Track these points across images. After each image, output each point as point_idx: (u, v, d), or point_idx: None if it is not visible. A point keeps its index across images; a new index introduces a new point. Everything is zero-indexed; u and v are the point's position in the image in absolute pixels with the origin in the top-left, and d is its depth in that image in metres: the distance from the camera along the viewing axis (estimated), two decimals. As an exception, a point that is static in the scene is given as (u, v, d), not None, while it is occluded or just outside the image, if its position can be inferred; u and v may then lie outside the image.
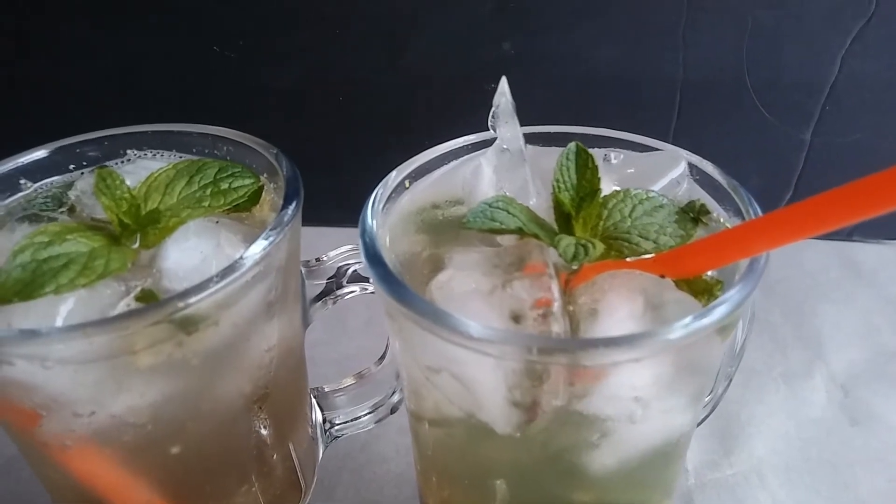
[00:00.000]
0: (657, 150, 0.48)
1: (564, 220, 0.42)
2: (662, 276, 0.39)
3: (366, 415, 0.62)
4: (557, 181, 0.42)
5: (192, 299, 0.38)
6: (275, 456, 0.53)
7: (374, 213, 0.43)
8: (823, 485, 0.75)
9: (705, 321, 0.35)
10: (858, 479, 0.76)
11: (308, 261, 0.54)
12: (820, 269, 1.03)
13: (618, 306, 0.38)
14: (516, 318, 0.37)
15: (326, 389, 0.62)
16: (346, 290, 0.55)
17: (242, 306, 0.42)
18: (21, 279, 0.38)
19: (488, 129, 0.49)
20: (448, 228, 0.47)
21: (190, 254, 0.43)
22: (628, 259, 0.41)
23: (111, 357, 0.39)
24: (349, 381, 0.63)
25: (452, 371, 0.39)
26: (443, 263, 0.43)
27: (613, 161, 0.48)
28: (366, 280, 0.55)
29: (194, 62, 0.99)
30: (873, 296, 0.98)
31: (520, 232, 0.40)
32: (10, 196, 0.50)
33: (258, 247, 0.41)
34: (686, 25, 0.96)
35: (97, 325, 0.37)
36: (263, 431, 0.50)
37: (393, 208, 0.46)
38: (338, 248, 0.55)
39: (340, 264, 0.54)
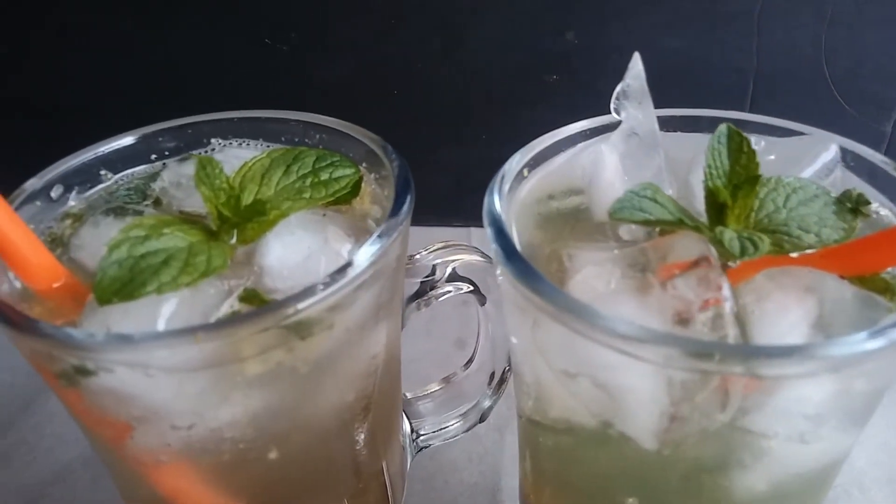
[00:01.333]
0: (802, 133, 0.43)
1: (717, 211, 0.37)
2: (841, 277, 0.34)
3: (454, 423, 0.57)
4: (709, 167, 0.38)
5: (314, 299, 0.34)
6: (368, 473, 0.48)
7: (501, 199, 0.39)
8: (930, 498, 0.70)
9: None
10: (966, 492, 0.71)
11: (402, 258, 0.50)
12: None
13: (791, 308, 0.33)
14: (682, 321, 0.33)
15: (409, 396, 0.58)
16: (441, 290, 0.50)
17: (357, 309, 0.38)
18: (118, 277, 0.34)
19: (575, 119, 0.45)
20: (568, 222, 0.42)
21: (295, 249, 0.39)
22: (792, 255, 0.36)
23: (219, 365, 0.34)
24: (434, 386, 0.58)
25: (597, 377, 0.35)
26: (573, 260, 0.38)
27: (753, 147, 0.43)
28: (464, 280, 0.50)
29: (246, 55, 0.96)
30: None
31: (677, 224, 0.35)
32: (90, 188, 0.46)
33: (376, 245, 0.37)
34: (761, 11, 0.91)
35: (209, 329, 0.33)
36: (360, 446, 0.46)
37: (513, 199, 0.42)
38: (430, 246, 0.51)
39: (437, 261, 0.50)
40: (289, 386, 0.38)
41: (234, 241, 0.40)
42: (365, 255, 0.36)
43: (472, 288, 0.50)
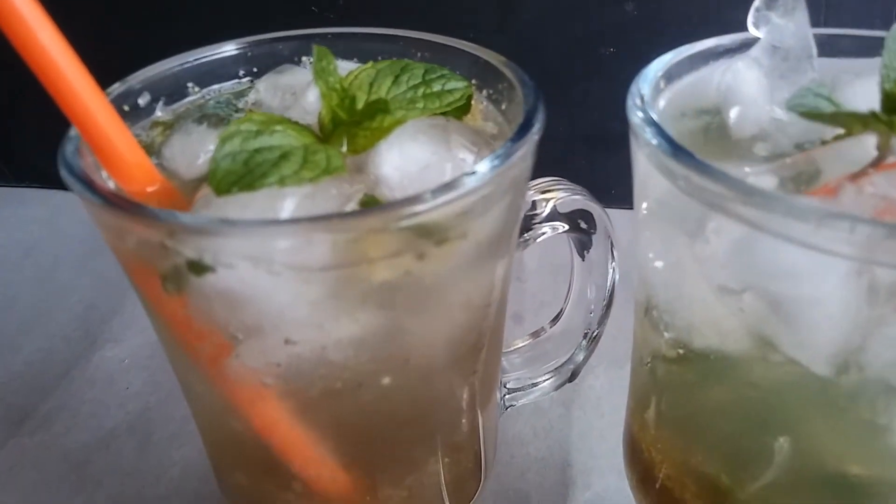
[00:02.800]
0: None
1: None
2: None
3: (545, 380, 0.54)
4: (886, 67, 0.34)
5: (452, 195, 0.30)
6: (467, 426, 0.45)
7: (647, 94, 0.35)
8: None
9: None
10: None
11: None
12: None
13: None
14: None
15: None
16: (542, 228, 0.47)
17: (490, 220, 0.35)
18: (234, 170, 0.31)
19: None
20: (703, 140, 0.39)
21: (415, 157, 0.35)
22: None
23: (347, 265, 0.31)
24: (522, 341, 0.55)
25: (773, 288, 0.31)
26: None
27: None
28: (567, 219, 0.47)
29: (292, 21, 0.92)
30: None
31: (866, 121, 0.32)
32: (176, 101, 0.42)
33: (512, 151, 0.34)
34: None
35: (344, 217, 0.29)
36: (466, 392, 0.42)
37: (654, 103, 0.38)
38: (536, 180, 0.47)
39: (536, 198, 0.46)
40: (413, 301, 0.35)
41: (343, 149, 0.36)
42: (500, 161, 0.33)
43: (584, 226, 0.47)
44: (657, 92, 0.39)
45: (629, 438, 0.47)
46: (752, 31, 0.40)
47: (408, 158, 0.35)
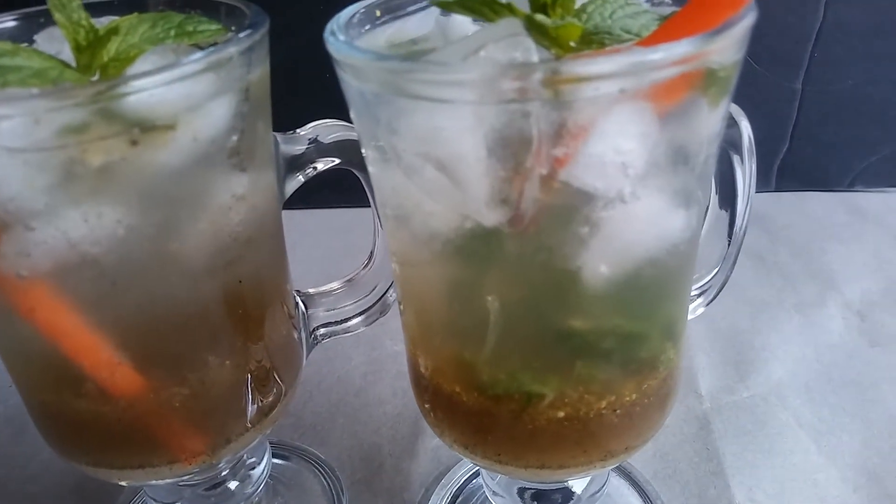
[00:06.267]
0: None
1: (540, 12, 0.40)
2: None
3: (355, 315, 0.59)
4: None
5: (142, 82, 0.36)
6: (241, 334, 0.49)
7: (340, 28, 0.41)
8: (848, 402, 0.71)
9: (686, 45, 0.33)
10: (885, 395, 0.72)
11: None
12: (825, 216, 1.01)
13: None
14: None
15: (312, 292, 0.59)
16: (322, 161, 0.52)
17: (201, 117, 0.40)
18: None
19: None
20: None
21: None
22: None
23: (59, 147, 0.36)
24: (336, 284, 0.60)
25: (431, 152, 0.37)
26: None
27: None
28: (338, 152, 0.53)
29: None
30: (881, 234, 0.96)
31: (496, 8, 0.38)
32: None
33: (212, 49, 0.39)
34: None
35: (42, 95, 0.35)
36: (232, 300, 0.47)
37: (361, 34, 0.44)
38: (313, 122, 0.53)
39: (317, 135, 0.52)
40: (142, 193, 0.40)
41: (97, 78, 0.42)
42: (205, 51, 0.39)
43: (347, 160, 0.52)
44: (372, 21, 0.45)
45: (409, 360, 0.52)
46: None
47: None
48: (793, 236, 0.96)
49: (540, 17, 0.37)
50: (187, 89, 0.39)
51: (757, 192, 1.05)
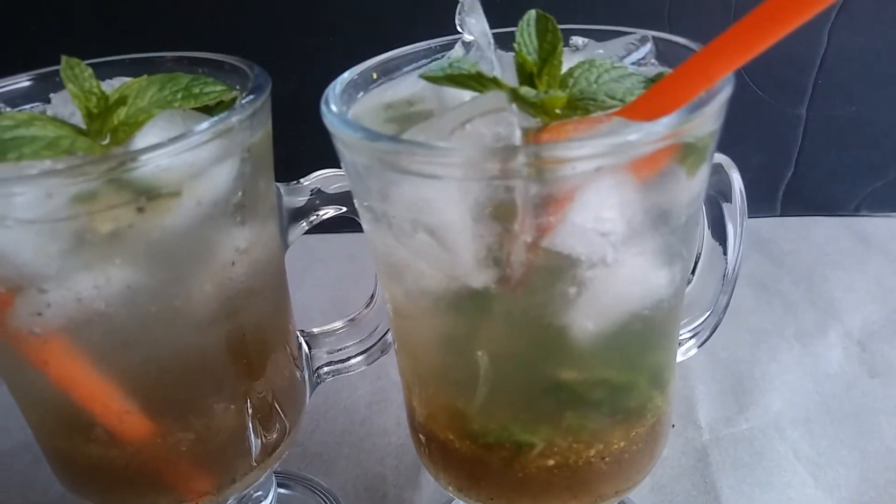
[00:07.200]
0: (626, 33, 0.48)
1: (527, 81, 0.42)
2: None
3: (357, 355, 0.60)
4: (518, 44, 0.42)
5: (150, 155, 0.38)
6: (252, 382, 0.51)
7: (335, 97, 0.43)
8: (846, 435, 0.72)
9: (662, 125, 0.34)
10: (882, 427, 0.72)
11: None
12: (828, 242, 1.01)
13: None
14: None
15: (316, 332, 0.61)
16: (325, 210, 0.54)
17: (205, 182, 0.42)
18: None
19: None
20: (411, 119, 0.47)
21: (156, 135, 0.43)
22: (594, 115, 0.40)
23: (70, 217, 0.38)
24: (339, 324, 0.62)
25: (423, 219, 0.39)
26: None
27: (581, 45, 0.48)
28: (342, 201, 0.55)
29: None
30: (885, 261, 0.96)
31: (483, 82, 0.40)
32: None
33: (216, 119, 0.41)
34: (670, 4, 0.97)
35: (54, 172, 0.37)
36: (239, 350, 0.49)
37: (357, 98, 0.46)
38: (316, 172, 0.55)
39: (319, 186, 0.54)
40: (147, 256, 0.42)
41: (108, 142, 0.44)
42: (207, 123, 0.41)
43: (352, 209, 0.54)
44: (368, 82, 0.47)
45: (406, 404, 0.53)
46: (459, 29, 0.49)
47: (149, 138, 0.43)
48: (796, 262, 0.96)
49: (525, 89, 0.39)
50: (193, 157, 0.41)
51: (761, 216, 1.08)
